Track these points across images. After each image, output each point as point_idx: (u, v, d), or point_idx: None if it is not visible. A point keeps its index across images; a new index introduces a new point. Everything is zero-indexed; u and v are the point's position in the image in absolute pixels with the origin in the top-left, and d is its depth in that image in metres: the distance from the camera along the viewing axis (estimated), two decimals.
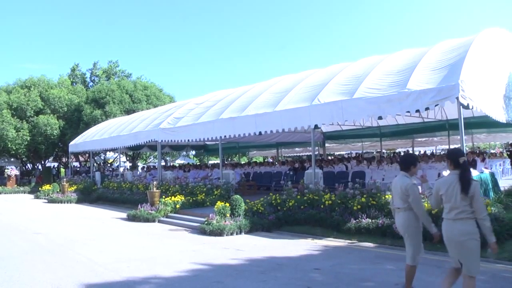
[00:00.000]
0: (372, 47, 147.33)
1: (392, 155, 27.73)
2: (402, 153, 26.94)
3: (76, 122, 38.71)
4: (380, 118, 12.22)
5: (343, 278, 7.14)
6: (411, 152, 26.21)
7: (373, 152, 32.61)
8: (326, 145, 28.93)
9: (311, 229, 11.65)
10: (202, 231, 12.28)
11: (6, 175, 37.68)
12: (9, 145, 37.81)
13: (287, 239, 11.06)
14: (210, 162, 40.25)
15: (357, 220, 10.81)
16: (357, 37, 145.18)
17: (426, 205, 9.72)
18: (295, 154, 40.96)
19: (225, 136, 16.54)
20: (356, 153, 33.19)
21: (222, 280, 7.24)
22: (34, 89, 40.51)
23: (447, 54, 11.42)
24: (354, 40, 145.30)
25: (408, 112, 10.97)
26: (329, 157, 29.01)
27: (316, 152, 24.95)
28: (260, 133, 15.06)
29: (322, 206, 12.03)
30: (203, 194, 17.00)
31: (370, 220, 10.58)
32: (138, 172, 29.88)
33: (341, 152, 38.18)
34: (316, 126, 13.46)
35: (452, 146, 25.38)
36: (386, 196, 11.06)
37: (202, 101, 20.47)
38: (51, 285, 7.25)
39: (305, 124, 13.30)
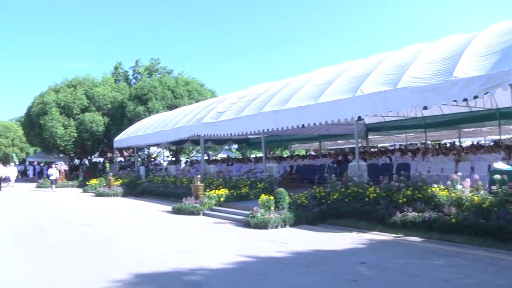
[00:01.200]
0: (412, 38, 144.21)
1: (437, 146, 27.02)
2: (448, 145, 26.18)
3: (120, 118, 39.48)
4: (425, 108, 11.94)
5: (390, 272, 7.02)
6: (457, 143, 25.50)
7: (417, 144, 31.87)
8: (369, 137, 28.46)
9: (356, 222, 11.47)
10: (247, 224, 12.33)
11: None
12: (58, 142, 39.21)
13: (332, 232, 10.95)
14: (252, 155, 40.32)
15: (402, 213, 10.53)
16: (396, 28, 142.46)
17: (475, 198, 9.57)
18: (337, 147, 40.52)
19: (267, 129, 16.52)
20: (400, 145, 32.55)
21: (267, 272, 7.25)
22: (79, 87, 41.74)
23: (498, 38, 10.82)
24: (394, 31, 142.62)
25: (455, 101, 10.63)
26: (372, 149, 28.57)
27: (359, 145, 24.63)
28: (303, 125, 14.94)
29: (366, 199, 11.84)
30: (247, 187, 17.06)
31: (416, 214, 10.28)
32: (182, 166, 30.23)
33: (384, 144, 37.51)
34: (359, 118, 13.23)
35: (503, 137, 24.57)
36: (433, 189, 10.74)
37: (243, 95, 20.50)
38: (102, 274, 7.50)
39: (348, 116, 13.10)
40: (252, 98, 18.78)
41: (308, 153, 39.03)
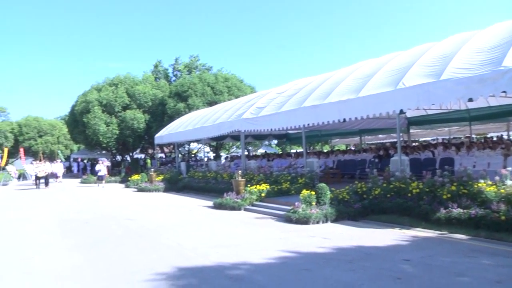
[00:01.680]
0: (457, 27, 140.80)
1: (483, 140, 26.19)
2: (494, 138, 25.30)
3: (161, 115, 40.09)
4: (470, 100, 11.50)
5: (435, 271, 6.83)
6: (505, 136, 24.62)
7: (461, 138, 31.02)
8: (411, 131, 27.89)
9: (398, 218, 11.27)
10: (288, 219, 12.30)
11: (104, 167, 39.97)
12: (101, 139, 40.29)
13: (374, 228, 10.81)
14: (292, 151, 40.21)
15: (447, 210, 10.21)
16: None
17: None
18: (378, 141, 39.92)
19: (308, 124, 16.43)
20: (443, 139, 31.79)
21: (310, 267, 7.22)
22: (121, 86, 42.72)
23: None
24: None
25: (504, 92, 10.13)
26: (414, 144, 27.99)
27: (401, 139, 24.15)
28: (343, 120, 14.77)
29: (409, 195, 11.60)
30: (288, 182, 17.00)
31: (461, 210, 9.93)
32: (222, 162, 30.45)
33: (427, 138, 36.71)
34: (401, 111, 12.96)
35: None
36: (479, 184, 10.39)
37: (283, 90, 20.42)
38: (146, 267, 7.64)
39: (390, 110, 12.82)
40: (292, 93, 18.68)
41: (348, 148, 38.62)
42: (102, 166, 32.35)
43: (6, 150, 49.39)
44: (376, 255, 7.98)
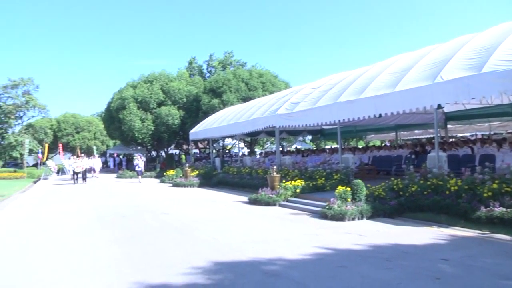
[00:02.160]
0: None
1: None
2: None
3: (195, 111, 40.40)
4: None
5: (476, 272, 6.62)
6: None
7: (502, 133, 30.11)
8: (448, 126, 27.25)
9: (436, 216, 11.01)
10: (323, 216, 12.23)
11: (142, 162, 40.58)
12: (136, 135, 40.91)
13: (410, 226, 10.62)
14: (327, 146, 39.92)
15: (488, 208, 9.85)
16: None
17: None
18: (414, 137, 39.23)
19: (343, 119, 16.27)
20: (482, 135, 30.96)
21: (346, 265, 7.15)
22: (156, 83, 43.27)
23: None
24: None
25: None
26: (451, 139, 27.33)
27: (438, 134, 23.58)
28: (379, 115, 14.53)
29: (447, 192, 11.27)
30: (323, 178, 16.90)
31: (504, 209, 9.54)
32: (257, 157, 30.50)
33: (465, 134, 35.84)
34: (439, 106, 12.65)
35: None
36: None
37: (318, 85, 20.26)
38: (182, 261, 7.74)
39: (427, 104, 12.52)
40: (327, 88, 18.52)
41: (383, 144, 38.10)
42: (141, 161, 32.51)
43: (46, 146, 50.72)
44: (413, 254, 7.84)
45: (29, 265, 7.92)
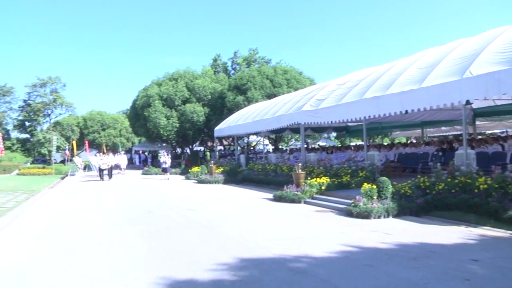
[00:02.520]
0: None
1: None
2: None
3: (220, 108, 40.52)
4: None
5: (509, 274, 6.42)
6: None
7: None
8: (477, 122, 26.71)
9: (464, 215, 10.77)
10: (349, 213, 12.16)
11: (160, 158, 41.05)
12: (161, 132, 41.28)
13: (438, 225, 10.43)
14: (352, 143, 39.64)
15: None
16: None
17: None
18: (440, 134, 38.65)
19: (369, 116, 16.07)
20: None
21: (372, 263, 7.07)
22: (180, 80, 43.55)
23: None
24: None
25: None
26: (479, 136, 26.79)
27: (466, 131, 22.99)
28: (406, 111, 14.31)
29: (476, 191, 11.01)
30: (348, 176, 16.82)
31: None
32: (281, 154, 30.43)
33: (494, 131, 35.11)
34: (467, 102, 12.42)
35: None
36: None
37: (343, 81, 20.10)
38: (208, 257, 7.75)
39: (455, 100, 12.21)
40: (352, 85, 18.36)
41: (409, 141, 37.64)
42: (167, 158, 32.58)
43: (74, 143, 51.58)
44: (441, 254, 7.69)
45: (60, 258, 8.05)
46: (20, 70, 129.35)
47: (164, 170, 32.22)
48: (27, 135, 73.98)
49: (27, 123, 73.53)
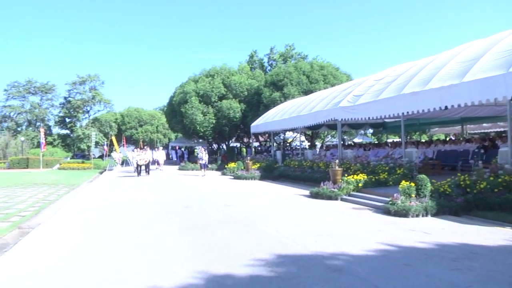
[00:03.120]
0: None
1: None
2: None
3: (256, 104, 40.59)
4: None
5: None
6: None
7: None
8: None
9: (508, 216, 10.37)
10: (386, 211, 11.99)
11: (196, 154, 41.42)
12: (198, 128, 41.68)
13: (479, 226, 10.10)
14: (389, 140, 39.10)
15: None
16: None
17: None
18: (481, 131, 37.67)
19: (407, 112, 15.81)
20: None
21: (411, 263, 6.93)
22: (217, 77, 43.85)
23: None
24: None
25: None
26: None
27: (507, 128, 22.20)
28: (445, 107, 13.99)
29: None
30: (385, 173, 16.61)
31: None
32: (317, 151, 30.31)
33: None
34: None
35: None
36: None
37: (381, 77, 19.81)
38: (245, 252, 7.80)
39: (499, 95, 11.73)
40: (390, 80, 18.07)
41: (448, 138, 36.84)
42: (204, 154, 32.10)
43: (114, 138, 52.67)
44: (484, 255, 7.42)
45: (100, 249, 8.23)
46: (61, 68, 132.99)
47: (202, 166, 32.10)
48: (67, 131, 76.77)
49: (67, 120, 76.30)
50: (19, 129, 73.65)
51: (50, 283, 6.43)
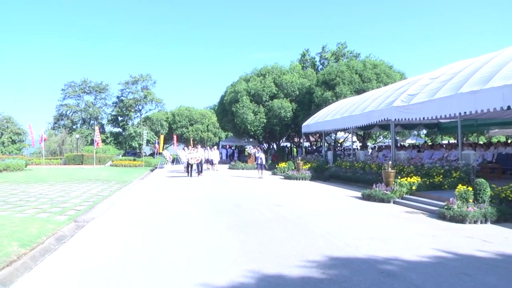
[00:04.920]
0: None
1: None
2: None
3: (308, 104, 40.42)
4: None
5: None
6: None
7: None
8: None
9: None
10: (441, 216, 11.61)
11: (247, 153, 41.49)
12: (249, 127, 41.89)
13: None
14: (443, 141, 38.06)
15: None
16: None
17: None
18: None
19: (464, 112, 15.23)
20: None
21: (469, 272, 6.64)
22: (268, 76, 43.96)
23: None
24: None
25: None
26: None
27: None
28: (508, 107, 13.44)
29: None
30: (440, 176, 16.17)
31: None
32: (369, 152, 29.87)
33: None
34: None
35: None
36: None
37: (437, 75, 19.24)
38: (296, 253, 7.78)
39: None
40: (447, 78, 17.52)
41: (510, 140, 35.43)
42: (262, 153, 29.57)
43: (162, 137, 53.82)
44: None
45: (152, 245, 8.39)
46: (115, 68, 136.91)
47: (259, 168, 28.59)
48: (119, 129, 79.24)
49: (119, 118, 78.68)
50: (74, 127, 76.73)
51: (105, 274, 6.65)
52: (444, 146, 27.85)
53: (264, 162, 29.09)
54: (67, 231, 9.92)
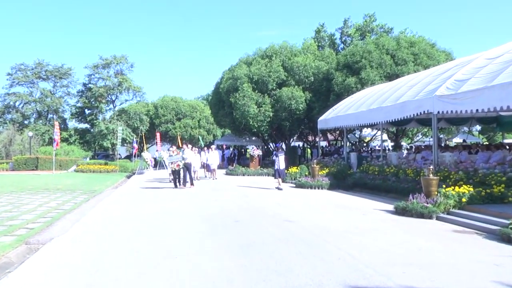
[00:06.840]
0: None
1: None
2: None
3: (325, 93, 40.32)
4: None
5: None
6: None
7: None
8: None
9: None
10: (505, 238, 11.25)
11: (248, 155, 41.28)
12: (251, 122, 41.67)
13: None
14: (505, 141, 37.71)
15: None
16: None
17: None
18: None
19: None
20: None
21: None
22: (275, 58, 43.78)
23: None
24: None
25: None
26: None
27: None
28: None
29: None
30: (502, 185, 15.81)
31: None
32: (404, 154, 29.63)
33: None
34: None
35: None
36: None
37: (497, 54, 18.85)
38: (311, 281, 7.67)
39: None
40: (509, 58, 17.21)
41: None
42: (282, 156, 26.69)
43: (142, 135, 53.69)
44: None
45: (129, 278, 8.11)
46: (79, 50, 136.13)
47: (277, 175, 26.33)
48: (86, 125, 78.71)
49: (87, 111, 78.05)
50: (26, 122, 75.67)
51: None
52: (506, 146, 27.53)
53: (283, 168, 26.86)
54: (14, 257, 9.56)
